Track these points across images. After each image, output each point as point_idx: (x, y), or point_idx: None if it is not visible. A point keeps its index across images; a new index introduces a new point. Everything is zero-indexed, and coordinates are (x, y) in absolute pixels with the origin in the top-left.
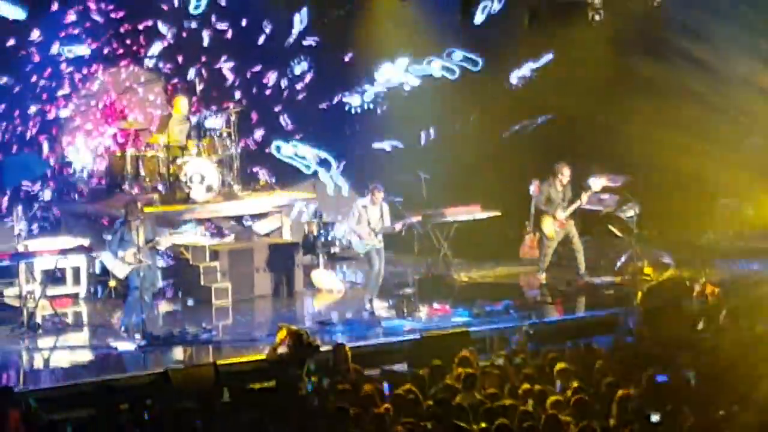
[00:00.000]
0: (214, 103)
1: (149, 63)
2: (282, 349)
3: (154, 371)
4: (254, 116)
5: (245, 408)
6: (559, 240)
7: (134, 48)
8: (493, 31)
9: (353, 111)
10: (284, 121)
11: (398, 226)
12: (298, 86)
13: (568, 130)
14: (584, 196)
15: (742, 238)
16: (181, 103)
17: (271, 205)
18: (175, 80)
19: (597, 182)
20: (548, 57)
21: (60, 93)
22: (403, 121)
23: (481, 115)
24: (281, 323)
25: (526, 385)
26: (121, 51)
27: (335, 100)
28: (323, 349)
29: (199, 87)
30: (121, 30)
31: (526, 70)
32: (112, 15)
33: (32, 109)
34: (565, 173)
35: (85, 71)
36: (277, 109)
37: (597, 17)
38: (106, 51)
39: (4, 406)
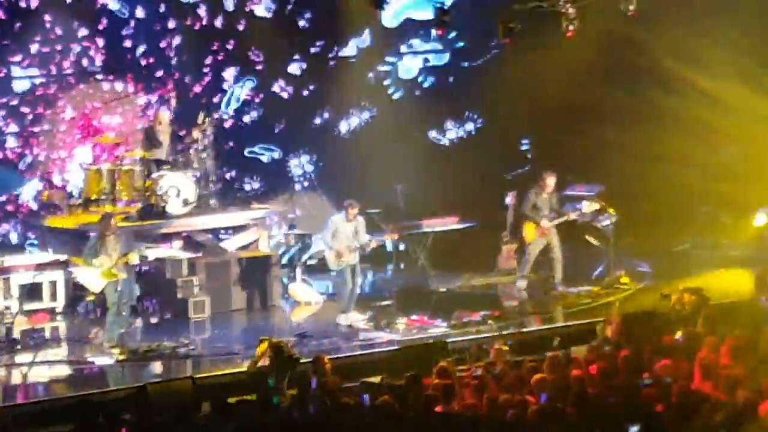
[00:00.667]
0: (190, 117)
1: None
2: (263, 362)
3: (133, 386)
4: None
5: (225, 421)
6: (540, 247)
7: (110, 63)
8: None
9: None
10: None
11: (372, 244)
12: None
13: (543, 139)
14: (573, 214)
15: (719, 246)
16: (163, 115)
17: (248, 218)
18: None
19: (589, 206)
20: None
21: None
22: (383, 132)
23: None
24: (263, 336)
25: (505, 395)
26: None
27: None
28: (302, 361)
29: (174, 101)
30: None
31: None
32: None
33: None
34: (549, 182)
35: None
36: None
37: (571, 27)
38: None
39: None
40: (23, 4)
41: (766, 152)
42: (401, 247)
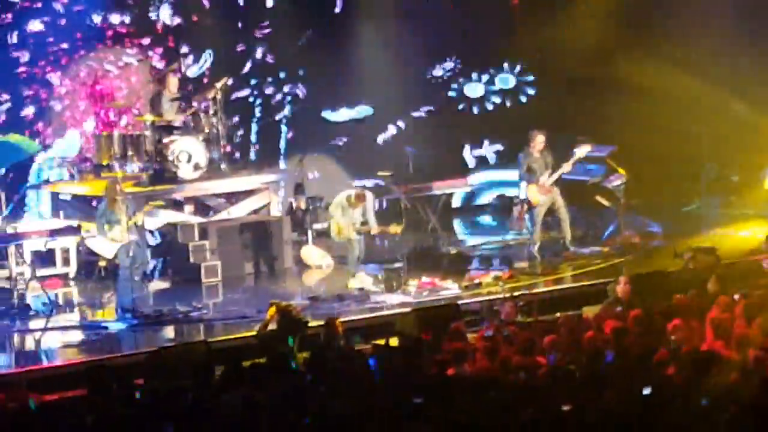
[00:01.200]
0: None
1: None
2: (272, 326)
3: (146, 350)
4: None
5: (238, 385)
6: (546, 207)
7: (122, 30)
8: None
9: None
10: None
11: (375, 231)
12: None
13: (552, 101)
14: (568, 164)
15: (728, 205)
16: (172, 81)
17: (259, 182)
18: (161, 60)
19: (582, 149)
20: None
21: (48, 74)
22: None
23: None
24: (272, 300)
25: (517, 357)
26: (109, 33)
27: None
28: (314, 324)
29: (185, 66)
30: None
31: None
32: None
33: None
34: (538, 140)
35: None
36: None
37: None
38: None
39: None
40: None
41: None
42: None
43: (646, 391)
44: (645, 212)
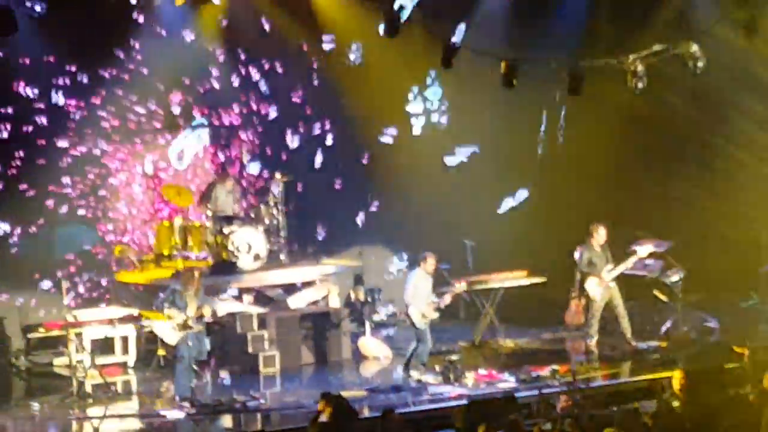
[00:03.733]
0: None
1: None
2: (323, 418)
3: None
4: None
5: None
6: (605, 302)
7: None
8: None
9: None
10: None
11: (447, 299)
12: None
13: (611, 195)
14: (630, 260)
15: None
16: (228, 178)
17: (318, 274)
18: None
19: (644, 249)
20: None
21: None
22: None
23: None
24: (323, 392)
25: None
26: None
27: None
28: (371, 415)
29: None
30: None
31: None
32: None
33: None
34: (600, 233)
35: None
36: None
37: (640, 84)
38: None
39: None
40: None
41: None
42: (467, 300)
43: None
44: (703, 307)
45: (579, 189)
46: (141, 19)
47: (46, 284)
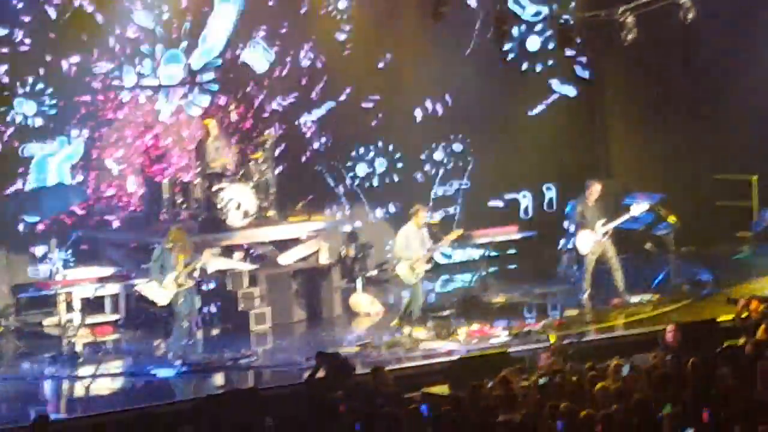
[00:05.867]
0: (251, 129)
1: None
2: (320, 374)
3: (195, 397)
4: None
5: None
6: (596, 257)
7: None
8: None
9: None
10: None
11: (439, 250)
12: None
13: (604, 148)
14: (622, 217)
15: None
16: (212, 124)
17: (308, 230)
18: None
19: (639, 207)
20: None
21: (98, 121)
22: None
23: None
24: (318, 350)
25: (565, 404)
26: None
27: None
28: (363, 371)
29: (235, 113)
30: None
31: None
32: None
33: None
34: (595, 189)
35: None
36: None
37: (630, 36)
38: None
39: None
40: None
41: None
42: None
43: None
44: (695, 260)
45: (570, 144)
46: None
47: (36, 243)
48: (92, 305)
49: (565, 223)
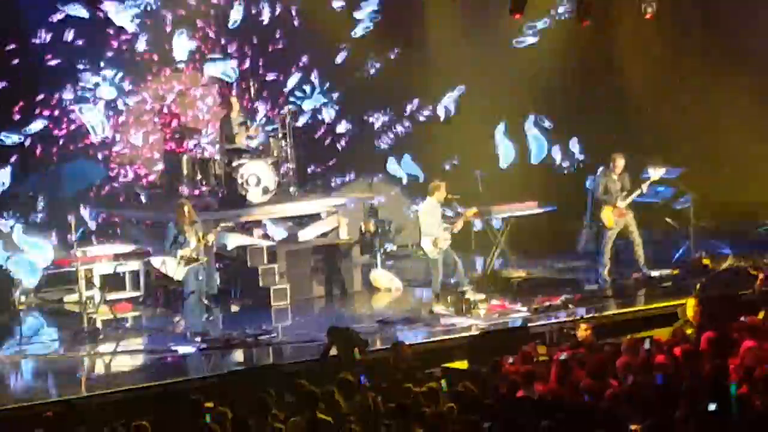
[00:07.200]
0: (269, 104)
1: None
2: (334, 350)
3: (215, 374)
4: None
5: (304, 409)
6: (618, 231)
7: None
8: None
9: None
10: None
11: (459, 225)
12: None
13: (623, 123)
14: (644, 185)
15: None
16: (235, 102)
17: (328, 206)
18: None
19: (656, 172)
20: None
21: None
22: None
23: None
24: (330, 326)
25: (587, 379)
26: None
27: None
28: (383, 347)
29: (254, 88)
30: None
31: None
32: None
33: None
34: (619, 163)
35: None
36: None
37: (650, 9)
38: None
39: None
40: None
41: None
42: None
43: (712, 407)
44: (716, 234)
45: (589, 118)
46: None
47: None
48: (112, 282)
49: (588, 198)
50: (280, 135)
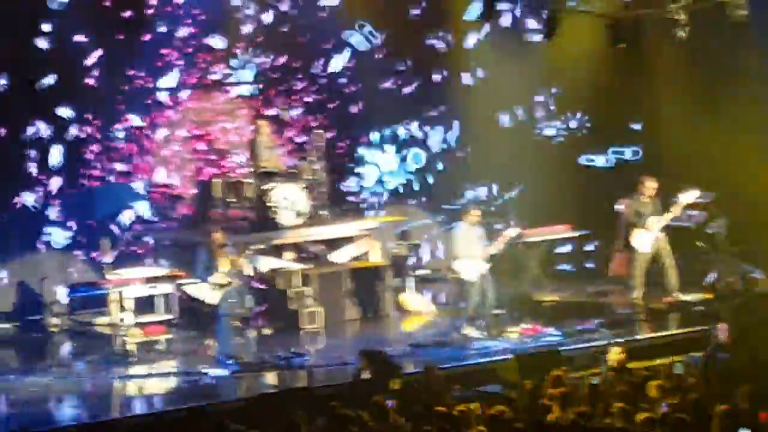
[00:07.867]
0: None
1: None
2: (365, 374)
3: (247, 397)
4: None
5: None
6: (651, 255)
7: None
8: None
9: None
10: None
11: (499, 245)
12: None
13: (654, 148)
14: (676, 208)
15: None
16: (264, 123)
17: (360, 229)
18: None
19: (688, 195)
20: None
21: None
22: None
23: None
24: (362, 349)
25: (619, 403)
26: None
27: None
28: (415, 370)
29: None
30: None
31: None
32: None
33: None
34: (649, 185)
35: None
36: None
37: (682, 34)
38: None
39: None
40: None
41: None
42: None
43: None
44: (748, 258)
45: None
46: None
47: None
48: (144, 305)
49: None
50: (313, 158)
